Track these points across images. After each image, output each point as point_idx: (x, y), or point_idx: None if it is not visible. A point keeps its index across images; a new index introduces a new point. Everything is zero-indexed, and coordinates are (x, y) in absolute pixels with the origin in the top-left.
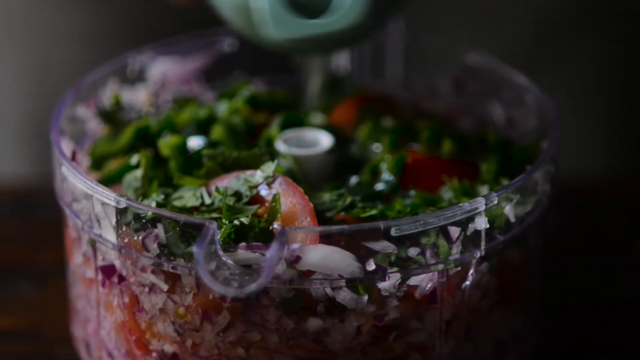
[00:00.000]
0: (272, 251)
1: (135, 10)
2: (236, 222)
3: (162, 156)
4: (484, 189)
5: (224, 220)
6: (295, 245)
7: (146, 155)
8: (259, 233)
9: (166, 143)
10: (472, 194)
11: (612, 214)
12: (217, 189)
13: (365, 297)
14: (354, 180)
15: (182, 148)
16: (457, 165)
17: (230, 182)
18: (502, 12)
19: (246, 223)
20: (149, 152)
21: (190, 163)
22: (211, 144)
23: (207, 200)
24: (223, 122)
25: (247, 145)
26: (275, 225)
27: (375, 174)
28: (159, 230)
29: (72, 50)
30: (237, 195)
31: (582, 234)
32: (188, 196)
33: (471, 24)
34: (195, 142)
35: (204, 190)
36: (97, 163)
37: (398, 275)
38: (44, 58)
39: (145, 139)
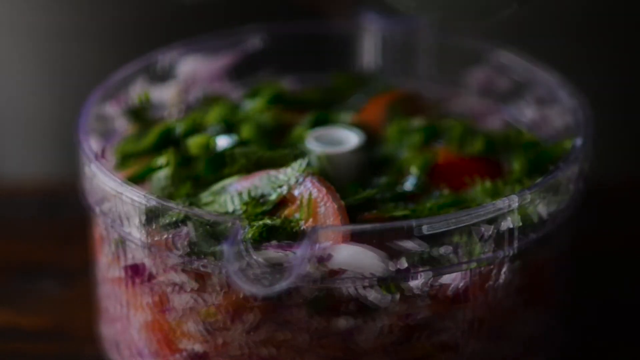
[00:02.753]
0: (302, 249)
1: (163, 7)
2: (267, 221)
3: (189, 155)
4: (515, 187)
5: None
6: (325, 244)
7: (174, 155)
8: (289, 231)
9: (195, 142)
10: (503, 193)
11: None
12: (248, 193)
13: (396, 296)
14: (382, 179)
15: (211, 147)
16: (487, 164)
17: (259, 180)
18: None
19: (277, 225)
20: (176, 151)
21: (220, 161)
22: (240, 143)
23: (238, 207)
24: (252, 121)
25: (276, 144)
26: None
27: (404, 173)
28: (188, 228)
29: (98, 47)
30: (267, 194)
31: (613, 233)
32: (220, 201)
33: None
34: (223, 141)
35: (235, 195)
36: (124, 162)
37: (429, 274)
38: (69, 55)
39: (170, 140)
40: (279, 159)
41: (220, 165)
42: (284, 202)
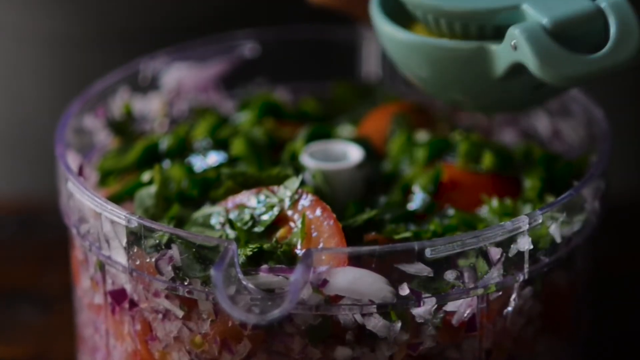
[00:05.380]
0: (296, 274)
1: (148, 12)
2: (259, 244)
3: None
4: (527, 207)
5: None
6: (322, 268)
7: (161, 171)
8: (283, 254)
9: (174, 171)
10: (514, 213)
11: None
12: (238, 213)
13: (399, 325)
14: (385, 198)
15: (190, 173)
16: (498, 182)
17: (250, 199)
18: None
19: (270, 248)
20: (162, 168)
21: (205, 183)
22: (230, 160)
23: (231, 234)
24: (243, 136)
25: (270, 160)
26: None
27: (409, 191)
28: (174, 251)
29: (79, 56)
30: (259, 214)
31: (634, 256)
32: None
33: None
34: (212, 159)
35: (224, 215)
36: (106, 178)
37: (434, 301)
38: (49, 65)
39: (155, 156)
40: (267, 180)
41: (206, 187)
42: (277, 223)
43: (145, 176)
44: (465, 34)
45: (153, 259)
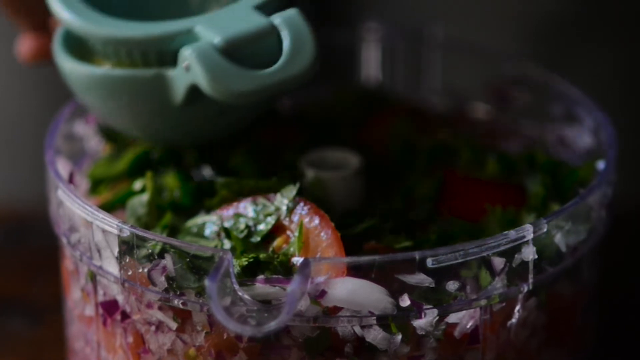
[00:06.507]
0: (294, 285)
1: None
2: (255, 254)
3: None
4: (531, 216)
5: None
6: (320, 278)
7: (153, 179)
8: (279, 265)
9: (167, 178)
10: (518, 221)
11: None
12: (234, 222)
13: (399, 337)
14: (385, 205)
15: (186, 181)
16: (501, 189)
17: (246, 207)
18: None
19: (263, 259)
20: (155, 176)
21: (200, 192)
22: (226, 168)
23: (226, 244)
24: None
25: (266, 168)
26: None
27: (409, 199)
28: (167, 261)
29: None
30: (255, 223)
31: (639, 264)
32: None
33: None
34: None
35: (219, 224)
36: (97, 186)
37: (435, 312)
38: (40, 69)
39: (147, 163)
40: (264, 188)
41: (200, 196)
42: (274, 232)
43: (137, 184)
44: (145, 63)
45: (146, 269)
